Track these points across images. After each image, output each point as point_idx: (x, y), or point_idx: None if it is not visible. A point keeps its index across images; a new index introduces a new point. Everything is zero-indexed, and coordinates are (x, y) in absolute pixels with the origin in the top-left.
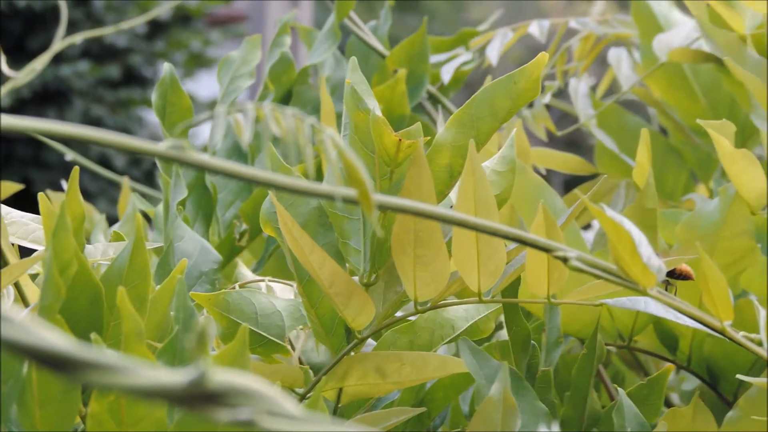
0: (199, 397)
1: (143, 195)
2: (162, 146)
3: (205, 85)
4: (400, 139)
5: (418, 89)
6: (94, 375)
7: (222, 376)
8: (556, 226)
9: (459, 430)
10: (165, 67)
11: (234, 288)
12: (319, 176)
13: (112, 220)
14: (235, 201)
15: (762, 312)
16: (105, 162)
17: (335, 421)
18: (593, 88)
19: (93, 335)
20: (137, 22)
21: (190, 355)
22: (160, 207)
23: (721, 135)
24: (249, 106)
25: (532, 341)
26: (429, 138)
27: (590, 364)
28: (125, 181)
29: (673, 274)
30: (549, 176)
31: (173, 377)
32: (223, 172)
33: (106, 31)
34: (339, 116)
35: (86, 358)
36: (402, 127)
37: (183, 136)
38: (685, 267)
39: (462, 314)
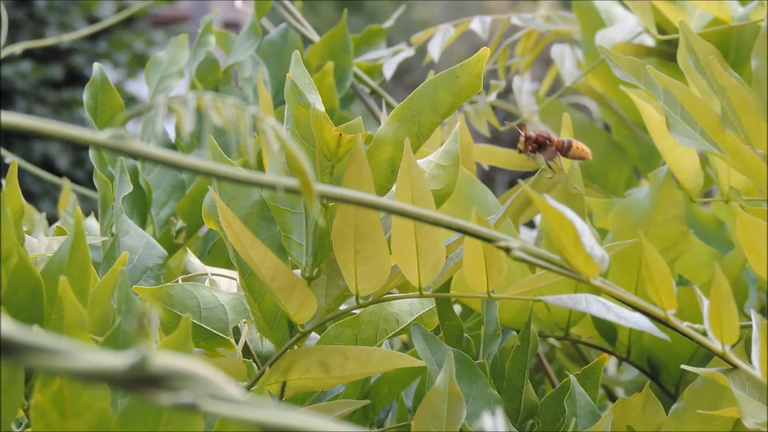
0: (140, 380)
1: (85, 197)
2: (103, 135)
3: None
4: (340, 134)
5: (343, 82)
6: (35, 358)
7: (164, 360)
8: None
9: (405, 423)
10: (95, 68)
11: (177, 281)
12: (260, 168)
13: (54, 222)
14: (169, 200)
15: (705, 301)
16: (48, 163)
17: (277, 405)
18: (536, 92)
19: (34, 327)
20: (108, 23)
21: (133, 343)
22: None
23: (649, 106)
24: (189, 96)
25: (465, 335)
26: (369, 133)
27: (524, 356)
28: (65, 182)
29: (563, 150)
30: (493, 176)
31: (115, 360)
32: (165, 162)
33: (49, 41)
34: None
35: (28, 341)
36: (332, 120)
37: None
38: (580, 146)
39: (406, 308)
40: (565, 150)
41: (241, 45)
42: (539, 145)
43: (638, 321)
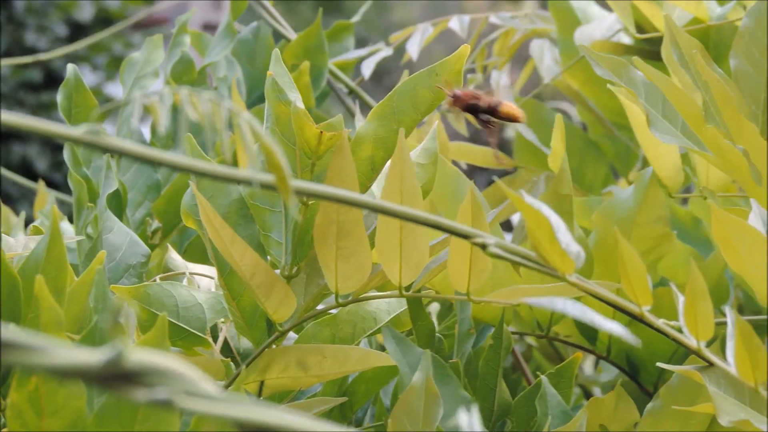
0: (115, 377)
1: (62, 202)
2: (79, 131)
3: None
4: (321, 132)
5: (319, 81)
6: (11, 354)
7: (139, 356)
8: (482, 212)
9: (379, 423)
10: (69, 69)
11: (155, 281)
12: (237, 166)
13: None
14: (144, 200)
15: (681, 298)
16: (27, 165)
17: (253, 401)
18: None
19: (11, 325)
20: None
21: (109, 340)
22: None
23: (633, 104)
24: (165, 91)
25: (438, 335)
26: (349, 130)
27: (497, 355)
28: (41, 184)
29: (495, 112)
30: (473, 177)
31: (90, 356)
32: (142, 158)
33: (43, 57)
34: None
35: (4, 338)
36: None
37: None
38: (511, 106)
39: (384, 307)
40: (493, 110)
41: (216, 45)
42: (468, 105)
43: (612, 326)
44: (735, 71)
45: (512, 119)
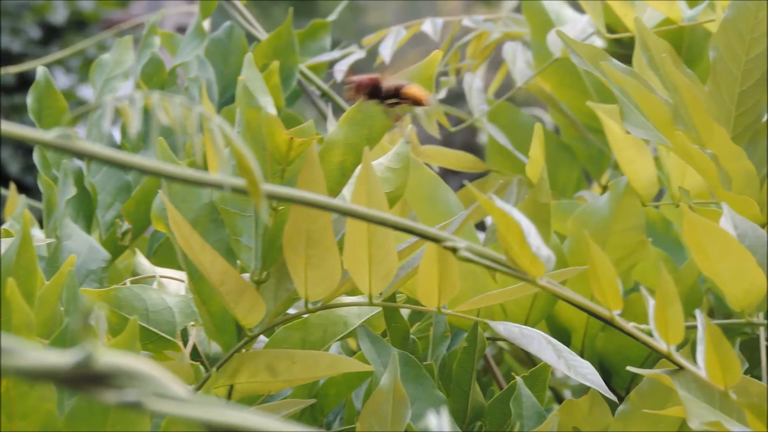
0: (85, 378)
1: (33, 208)
2: (50, 135)
3: None
4: (291, 138)
5: (289, 81)
6: None
7: (109, 358)
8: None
9: (353, 426)
10: (39, 71)
11: (125, 284)
12: (207, 170)
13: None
14: (114, 202)
15: (651, 302)
16: None
17: (222, 403)
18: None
19: None
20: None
21: (79, 342)
22: None
23: (612, 120)
24: (137, 95)
25: (411, 336)
26: (320, 135)
27: (471, 358)
28: (12, 188)
29: (398, 95)
30: (445, 180)
31: (60, 358)
32: (112, 162)
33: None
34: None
35: None
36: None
37: None
38: (414, 88)
39: (355, 311)
40: (397, 93)
41: (186, 46)
42: (370, 90)
43: (588, 375)
44: (713, 62)
45: (417, 102)
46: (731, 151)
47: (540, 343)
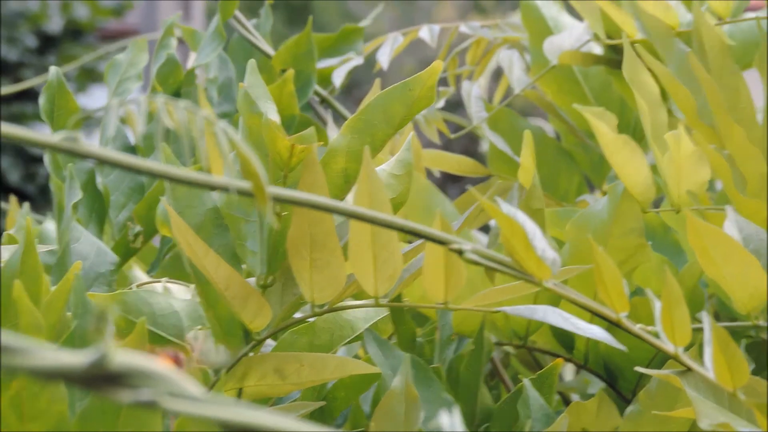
0: (100, 378)
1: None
2: (56, 137)
3: (97, 99)
4: (293, 144)
5: (306, 89)
6: None
7: (123, 358)
8: (450, 228)
9: (361, 430)
10: (51, 71)
11: (132, 288)
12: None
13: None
14: (127, 203)
15: (657, 303)
16: None
17: (237, 402)
18: (489, 99)
19: None
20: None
21: (90, 344)
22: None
23: (602, 123)
24: (141, 99)
25: (419, 338)
26: (322, 142)
27: (478, 361)
28: (13, 198)
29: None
30: (447, 186)
31: (74, 358)
32: (119, 164)
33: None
34: (225, 116)
35: None
36: (292, 127)
37: None
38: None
39: (361, 315)
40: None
41: (205, 47)
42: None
43: (594, 331)
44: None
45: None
46: (749, 152)
47: (544, 311)
